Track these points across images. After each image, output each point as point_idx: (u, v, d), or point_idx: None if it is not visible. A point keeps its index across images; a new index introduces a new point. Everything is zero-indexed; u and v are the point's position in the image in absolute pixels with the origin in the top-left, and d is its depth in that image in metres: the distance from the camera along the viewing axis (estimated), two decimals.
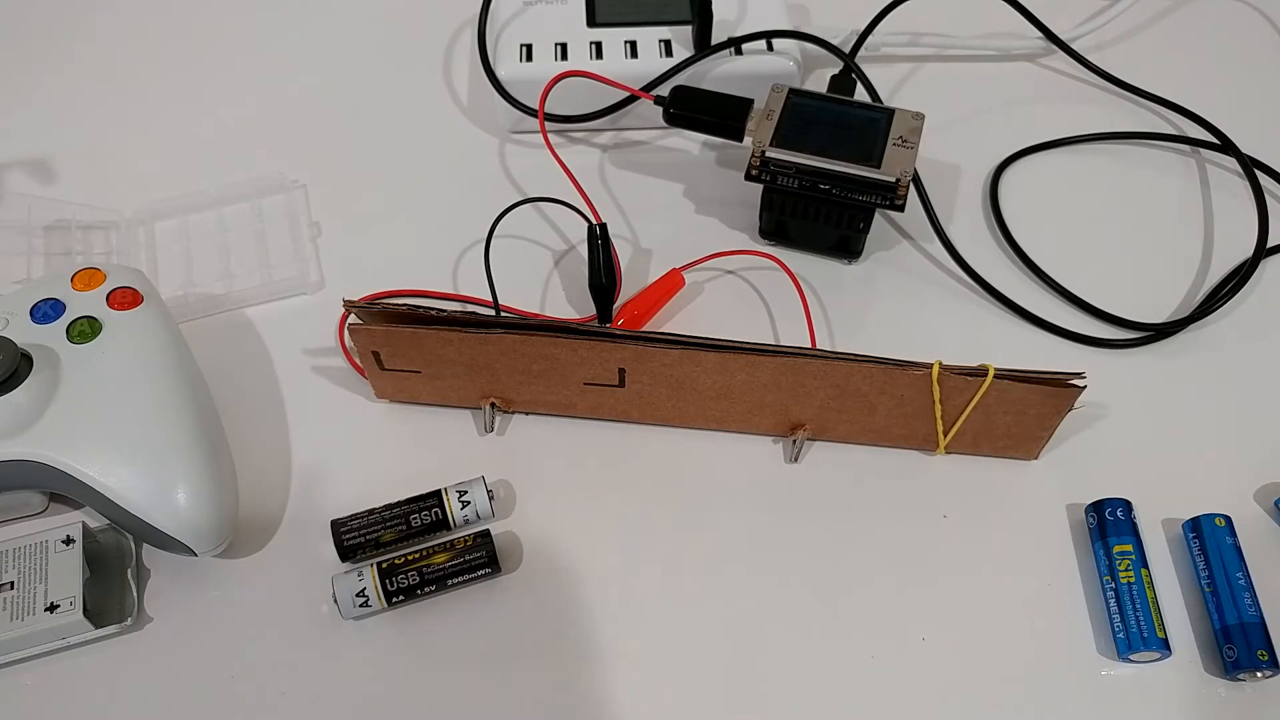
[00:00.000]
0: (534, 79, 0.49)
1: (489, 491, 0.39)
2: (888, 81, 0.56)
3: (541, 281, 0.47)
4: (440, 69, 0.56)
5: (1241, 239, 0.49)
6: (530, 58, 0.50)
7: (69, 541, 0.37)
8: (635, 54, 0.50)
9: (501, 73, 0.50)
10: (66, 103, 0.55)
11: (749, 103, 0.46)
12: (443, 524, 0.39)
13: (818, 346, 0.44)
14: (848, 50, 0.53)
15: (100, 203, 0.50)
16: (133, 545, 0.39)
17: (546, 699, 0.36)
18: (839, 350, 0.40)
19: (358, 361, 0.44)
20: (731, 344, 0.38)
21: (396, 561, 0.37)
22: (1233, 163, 0.52)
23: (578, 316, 0.46)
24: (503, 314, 0.45)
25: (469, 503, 0.39)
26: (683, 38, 0.51)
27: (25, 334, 0.38)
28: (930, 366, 0.38)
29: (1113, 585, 0.37)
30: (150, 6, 0.59)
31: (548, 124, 0.51)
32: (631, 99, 0.50)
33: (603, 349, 0.39)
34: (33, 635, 0.35)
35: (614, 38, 0.51)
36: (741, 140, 0.46)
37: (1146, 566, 0.38)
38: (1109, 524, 0.39)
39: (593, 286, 0.44)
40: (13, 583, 0.36)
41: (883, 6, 0.53)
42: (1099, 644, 0.37)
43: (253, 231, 0.49)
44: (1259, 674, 0.36)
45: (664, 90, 0.48)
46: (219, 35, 0.58)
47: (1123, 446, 0.42)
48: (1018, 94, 0.55)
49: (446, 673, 0.37)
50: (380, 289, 0.47)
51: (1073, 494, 0.41)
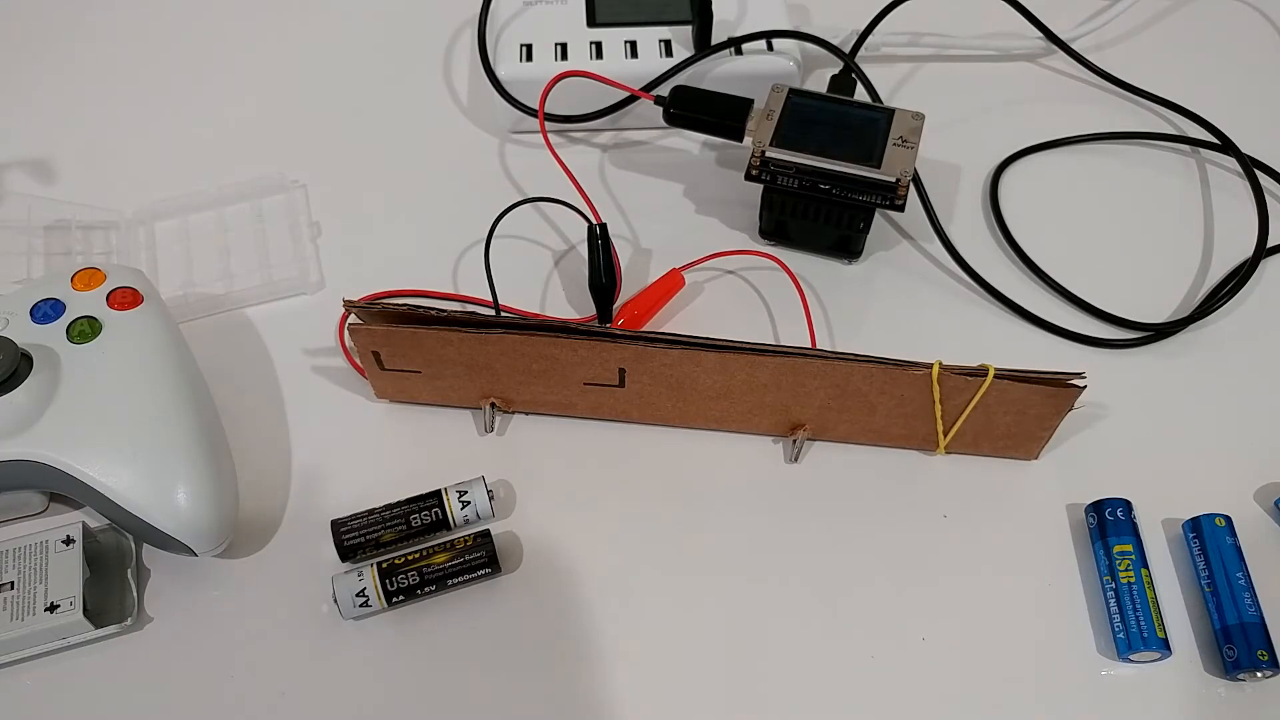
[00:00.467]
0: (534, 79, 0.49)
1: (489, 491, 0.39)
2: (888, 81, 0.56)
3: (541, 281, 0.47)
4: (440, 69, 0.56)
5: (1241, 239, 0.49)
6: (530, 58, 0.50)
7: (69, 541, 0.37)
8: (635, 54, 0.50)
9: (501, 73, 0.50)
10: (66, 103, 0.55)
11: (749, 103, 0.46)
12: (443, 524, 0.39)
13: (818, 346, 0.44)
14: (848, 50, 0.53)
15: (100, 203, 0.50)
16: (133, 545, 0.39)
17: (546, 699, 0.36)
18: (839, 350, 0.40)
19: (358, 361, 0.44)
20: (731, 344, 0.38)
21: (396, 561, 0.37)
22: (1233, 163, 0.52)
23: (578, 316, 0.46)
24: (503, 314, 0.45)
25: (469, 503, 0.39)
26: (683, 38, 0.51)
27: (25, 334, 0.38)
28: (930, 366, 0.38)
29: (1113, 585, 0.37)
30: (150, 6, 0.59)
31: (548, 124, 0.51)
32: (631, 99, 0.50)
33: (603, 349, 0.39)
34: (33, 635, 0.35)
35: (614, 38, 0.51)
36: (741, 140, 0.46)
37: (1146, 566, 0.38)
38: (1109, 524, 0.39)
39: (593, 286, 0.44)
40: (13, 583, 0.36)
41: (883, 6, 0.53)
42: (1099, 644, 0.37)
43: (253, 231, 0.49)
44: (1259, 674, 0.36)
45: (664, 90, 0.48)
46: (219, 35, 0.58)
47: (1123, 446, 0.42)
48: (1018, 94, 0.55)
49: (446, 673, 0.37)
50: (380, 289, 0.47)
51: (1073, 494, 0.41)
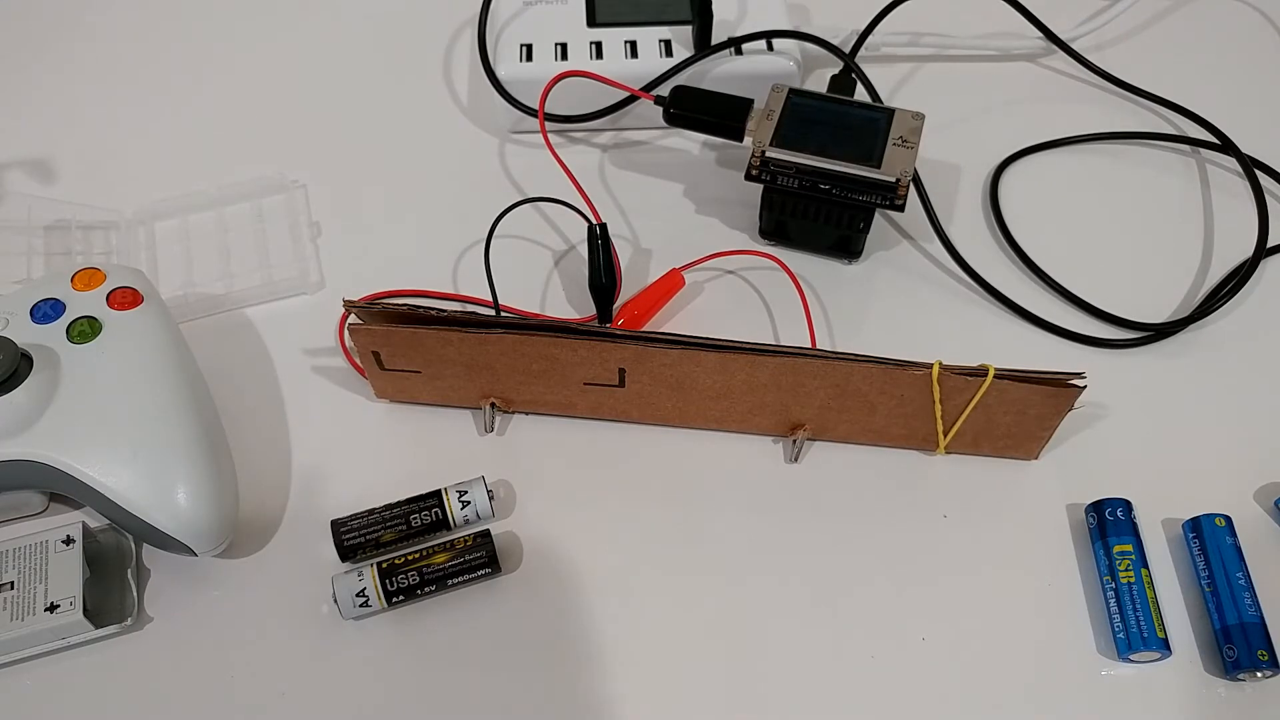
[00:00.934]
0: (534, 79, 0.49)
1: (489, 491, 0.39)
2: (888, 81, 0.56)
3: (541, 281, 0.47)
4: (440, 69, 0.56)
5: (1241, 239, 0.49)
6: (530, 58, 0.50)
7: (69, 541, 0.37)
8: (635, 54, 0.50)
9: (501, 73, 0.50)
10: (66, 103, 0.55)
11: (749, 103, 0.46)
12: (443, 524, 0.39)
13: (818, 346, 0.44)
14: (848, 50, 0.53)
15: (100, 203, 0.50)
16: (133, 545, 0.39)
17: (546, 699, 0.36)
18: (839, 350, 0.40)
19: (358, 361, 0.44)
20: (731, 344, 0.38)
21: (396, 561, 0.37)
22: (1233, 163, 0.52)
23: (578, 316, 0.46)
24: (503, 314, 0.45)
25: (469, 503, 0.39)
26: (683, 38, 0.51)
27: (25, 334, 0.38)
28: (930, 366, 0.38)
29: (1113, 585, 0.37)
30: (150, 6, 0.59)
31: (548, 124, 0.51)
32: (631, 99, 0.50)
33: (603, 349, 0.39)
34: (33, 635, 0.35)
35: (614, 38, 0.51)
36: (741, 140, 0.46)
37: (1146, 566, 0.38)
38: (1109, 524, 0.39)
39: (593, 286, 0.44)
40: (13, 583, 0.36)
41: (883, 6, 0.53)
42: (1099, 644, 0.37)
43: (253, 231, 0.49)
44: (1259, 674, 0.36)
45: (664, 90, 0.48)
46: (219, 35, 0.58)
47: (1123, 446, 0.42)
48: (1018, 94, 0.55)
49: (446, 673, 0.37)
50: (380, 289, 0.47)
51: (1073, 494, 0.41)
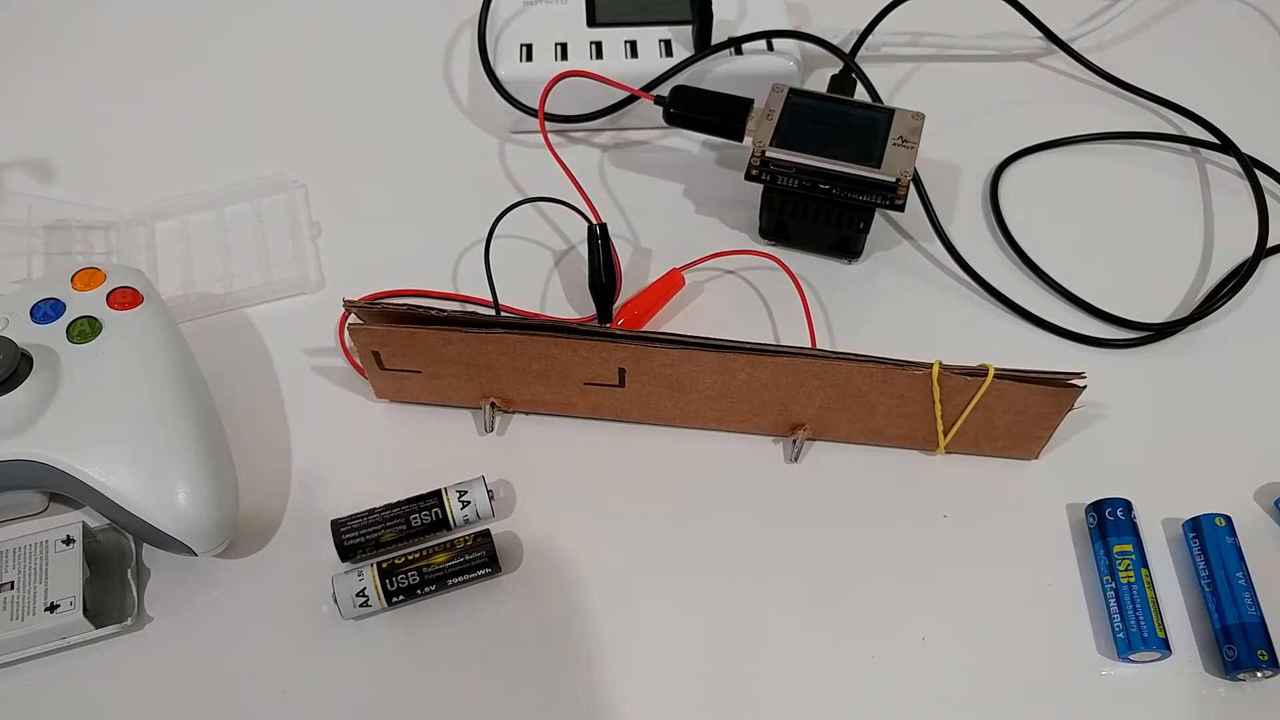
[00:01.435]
0: (534, 79, 0.49)
1: (489, 491, 0.39)
2: (888, 81, 0.56)
3: (541, 281, 0.47)
4: (440, 69, 0.56)
5: (1241, 239, 0.49)
6: (530, 58, 0.50)
7: (69, 541, 0.37)
8: (635, 54, 0.50)
9: (501, 73, 0.50)
10: (66, 103, 0.55)
11: (749, 103, 0.46)
12: (443, 524, 0.39)
13: (818, 346, 0.44)
14: (848, 50, 0.53)
15: (100, 203, 0.50)
16: (133, 545, 0.39)
17: (546, 699, 0.36)
18: (839, 350, 0.40)
19: (358, 361, 0.44)
20: (731, 344, 0.38)
21: (396, 561, 0.37)
22: (1233, 163, 0.52)
23: (578, 316, 0.46)
24: (503, 314, 0.45)
25: (469, 503, 0.39)
26: (683, 38, 0.51)
27: (25, 334, 0.38)
28: (930, 366, 0.38)
29: (1113, 585, 0.37)
30: (149, 6, 0.59)
31: (548, 124, 0.51)
32: (631, 99, 0.50)
33: (603, 349, 0.39)
34: (33, 635, 0.35)
35: (614, 38, 0.51)
36: (741, 140, 0.46)
37: (1146, 566, 0.38)
38: (1109, 524, 0.39)
39: (593, 286, 0.44)
40: (13, 583, 0.36)
41: (883, 6, 0.53)
42: (1099, 644, 0.37)
43: (253, 231, 0.49)
44: (1259, 674, 0.36)
45: (664, 90, 0.48)
46: (219, 35, 0.58)
47: (1123, 446, 0.42)
48: (1018, 94, 0.55)
49: (446, 673, 0.37)
50: (380, 289, 0.47)
51: (1073, 494, 0.41)
